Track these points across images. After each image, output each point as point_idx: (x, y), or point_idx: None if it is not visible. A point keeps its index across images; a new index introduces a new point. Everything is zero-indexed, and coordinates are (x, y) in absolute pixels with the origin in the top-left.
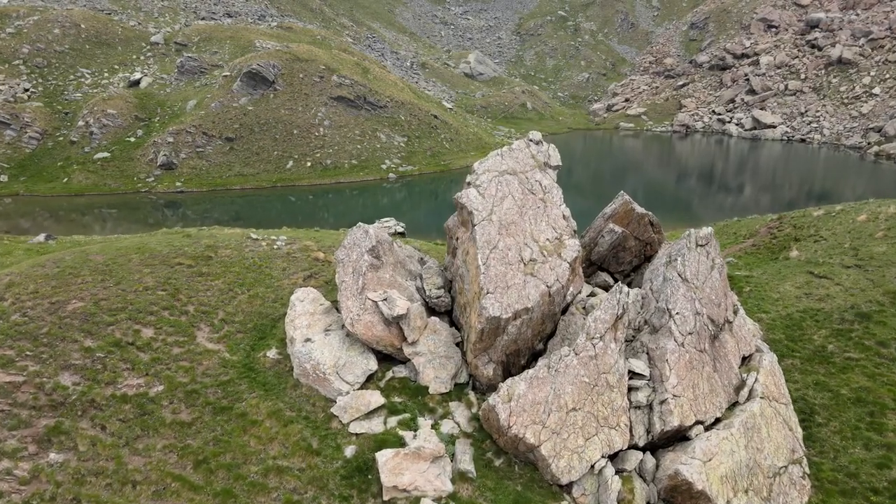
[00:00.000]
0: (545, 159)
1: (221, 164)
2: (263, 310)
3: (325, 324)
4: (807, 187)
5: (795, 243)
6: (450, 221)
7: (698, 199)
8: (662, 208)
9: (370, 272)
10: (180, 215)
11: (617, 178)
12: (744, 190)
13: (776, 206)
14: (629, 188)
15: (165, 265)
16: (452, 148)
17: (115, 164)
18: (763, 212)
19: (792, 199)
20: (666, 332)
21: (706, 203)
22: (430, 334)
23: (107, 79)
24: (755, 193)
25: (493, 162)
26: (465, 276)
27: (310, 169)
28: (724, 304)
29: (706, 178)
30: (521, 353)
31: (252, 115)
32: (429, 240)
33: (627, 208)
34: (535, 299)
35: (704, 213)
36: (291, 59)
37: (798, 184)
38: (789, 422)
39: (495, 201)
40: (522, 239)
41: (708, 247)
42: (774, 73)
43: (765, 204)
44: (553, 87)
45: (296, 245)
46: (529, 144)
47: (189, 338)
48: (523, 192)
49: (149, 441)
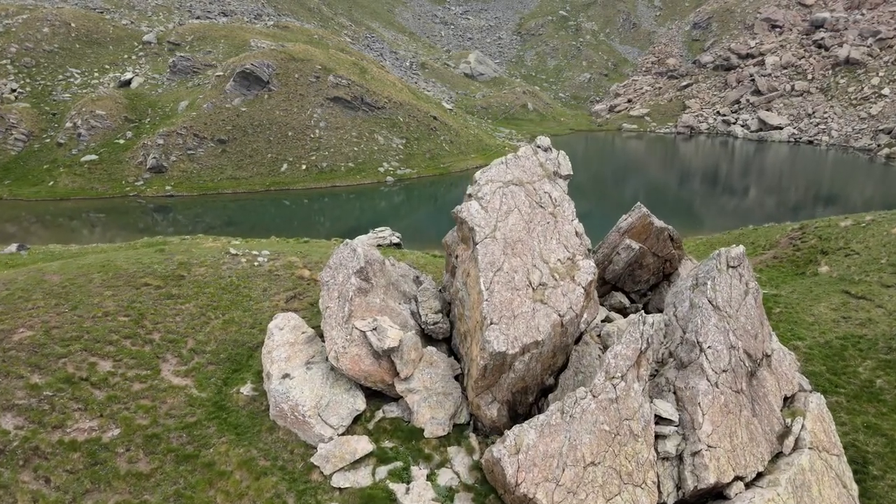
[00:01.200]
0: (555, 168)
1: (213, 167)
2: (239, 337)
3: (307, 355)
4: (816, 190)
5: (823, 257)
6: (448, 237)
7: (706, 203)
8: (669, 213)
9: (358, 297)
10: (171, 220)
11: (621, 180)
12: (752, 194)
13: (787, 211)
14: (633, 191)
15: (130, 286)
16: (452, 150)
17: (102, 166)
18: (775, 217)
19: (803, 202)
20: (696, 368)
21: (714, 208)
22: (425, 367)
23: (97, 79)
24: (765, 197)
25: (497, 171)
26: (465, 300)
27: (305, 172)
28: (760, 334)
29: (713, 182)
30: (528, 391)
31: (245, 116)
32: (428, 247)
33: (645, 222)
34: (545, 331)
35: (713, 218)
36: (286, 59)
37: (808, 187)
38: (843, 477)
39: (500, 216)
40: (531, 259)
41: (740, 268)
42: (780, 74)
43: (775, 208)
44: (554, 88)
45: (279, 261)
46: (537, 151)
47: (152, 371)
48: (531, 206)
49: (99, 496)
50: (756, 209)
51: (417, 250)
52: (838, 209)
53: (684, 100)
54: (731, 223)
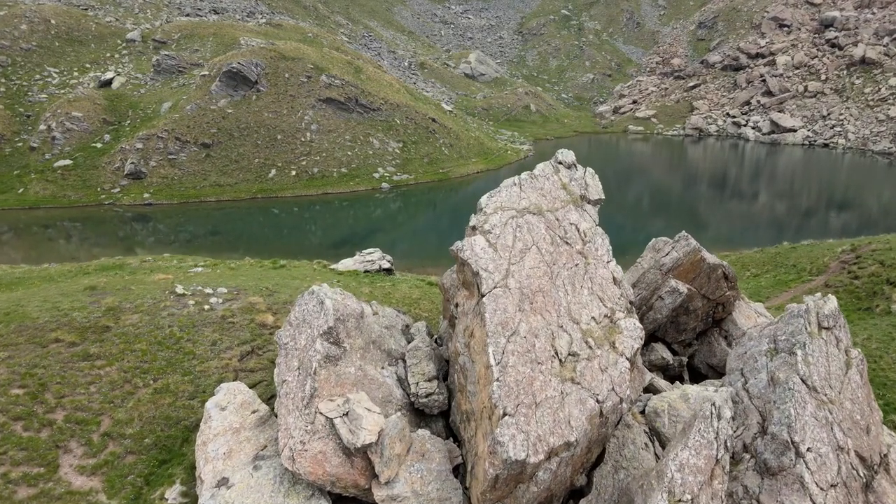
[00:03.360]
0: (581, 190)
1: (196, 173)
2: (173, 412)
3: (256, 446)
4: (842, 198)
5: (894, 289)
6: (447, 279)
7: (723, 212)
8: (684, 224)
9: (325, 368)
10: (150, 230)
11: (628, 184)
12: (773, 201)
13: (818, 223)
14: (644, 197)
15: (35, 343)
16: (452, 154)
17: (77, 172)
18: (804, 230)
19: (833, 211)
20: (792, 481)
21: (733, 217)
22: (415, 461)
23: (76, 79)
24: (788, 205)
25: (509, 195)
26: (468, 369)
27: (294, 178)
28: (872, 425)
29: (728, 188)
30: (553, 499)
31: (231, 118)
32: (424, 266)
33: (695, 259)
34: (580, 426)
35: (734, 230)
36: (276, 58)
37: (833, 194)
38: None
39: (513, 256)
40: (556, 318)
41: (836, 330)
42: (792, 74)
43: (803, 219)
44: (556, 89)
45: (237, 302)
46: (558, 169)
47: (48, 468)
48: (554, 242)
49: None
50: (782, 219)
51: (412, 272)
52: (877, 221)
53: (692, 101)
54: (756, 236)
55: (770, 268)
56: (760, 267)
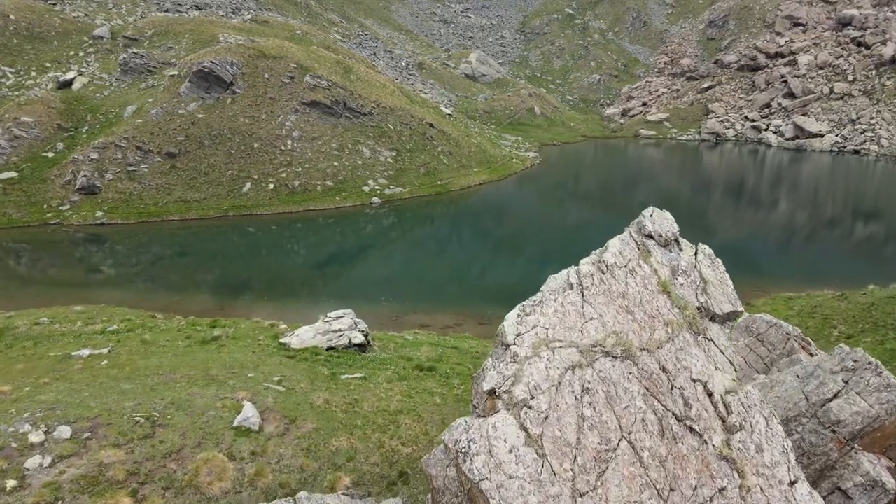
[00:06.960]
0: (696, 291)
1: (158, 186)
2: None
3: None
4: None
5: None
6: (434, 468)
7: (762, 234)
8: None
9: None
10: (107, 252)
11: (648, 195)
12: (819, 220)
13: (882, 248)
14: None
15: None
16: (451, 163)
17: (21, 186)
18: (872, 260)
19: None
20: None
21: (773, 242)
22: None
23: (33, 79)
24: (838, 225)
25: (556, 314)
26: None
27: (272, 193)
28: None
29: (761, 202)
30: None
31: (202, 124)
32: (417, 307)
33: None
34: None
35: (774, 260)
36: (255, 56)
37: (885, 210)
38: None
39: (581, 468)
40: None
41: None
42: (816, 75)
43: (867, 243)
44: (561, 90)
45: (75, 466)
46: (648, 250)
47: None
48: (663, 429)
49: None
50: (837, 242)
51: (399, 321)
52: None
53: (706, 103)
54: (805, 265)
55: (867, 326)
56: (851, 324)
